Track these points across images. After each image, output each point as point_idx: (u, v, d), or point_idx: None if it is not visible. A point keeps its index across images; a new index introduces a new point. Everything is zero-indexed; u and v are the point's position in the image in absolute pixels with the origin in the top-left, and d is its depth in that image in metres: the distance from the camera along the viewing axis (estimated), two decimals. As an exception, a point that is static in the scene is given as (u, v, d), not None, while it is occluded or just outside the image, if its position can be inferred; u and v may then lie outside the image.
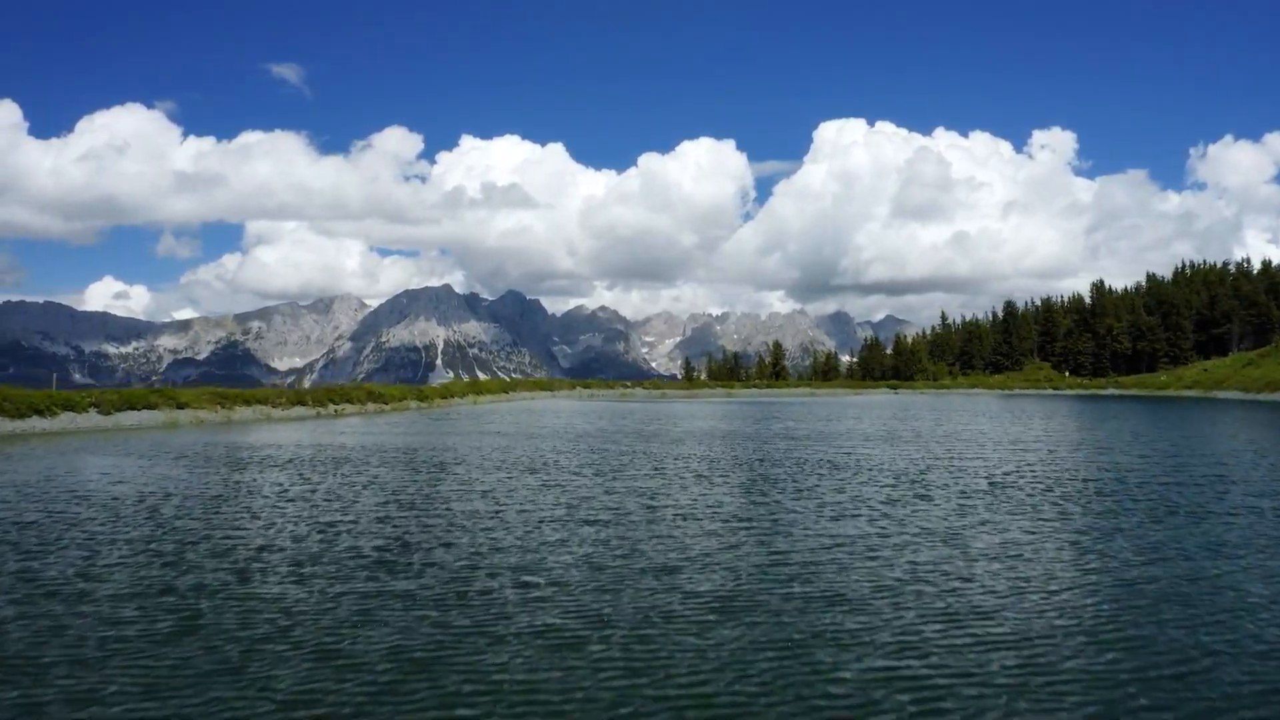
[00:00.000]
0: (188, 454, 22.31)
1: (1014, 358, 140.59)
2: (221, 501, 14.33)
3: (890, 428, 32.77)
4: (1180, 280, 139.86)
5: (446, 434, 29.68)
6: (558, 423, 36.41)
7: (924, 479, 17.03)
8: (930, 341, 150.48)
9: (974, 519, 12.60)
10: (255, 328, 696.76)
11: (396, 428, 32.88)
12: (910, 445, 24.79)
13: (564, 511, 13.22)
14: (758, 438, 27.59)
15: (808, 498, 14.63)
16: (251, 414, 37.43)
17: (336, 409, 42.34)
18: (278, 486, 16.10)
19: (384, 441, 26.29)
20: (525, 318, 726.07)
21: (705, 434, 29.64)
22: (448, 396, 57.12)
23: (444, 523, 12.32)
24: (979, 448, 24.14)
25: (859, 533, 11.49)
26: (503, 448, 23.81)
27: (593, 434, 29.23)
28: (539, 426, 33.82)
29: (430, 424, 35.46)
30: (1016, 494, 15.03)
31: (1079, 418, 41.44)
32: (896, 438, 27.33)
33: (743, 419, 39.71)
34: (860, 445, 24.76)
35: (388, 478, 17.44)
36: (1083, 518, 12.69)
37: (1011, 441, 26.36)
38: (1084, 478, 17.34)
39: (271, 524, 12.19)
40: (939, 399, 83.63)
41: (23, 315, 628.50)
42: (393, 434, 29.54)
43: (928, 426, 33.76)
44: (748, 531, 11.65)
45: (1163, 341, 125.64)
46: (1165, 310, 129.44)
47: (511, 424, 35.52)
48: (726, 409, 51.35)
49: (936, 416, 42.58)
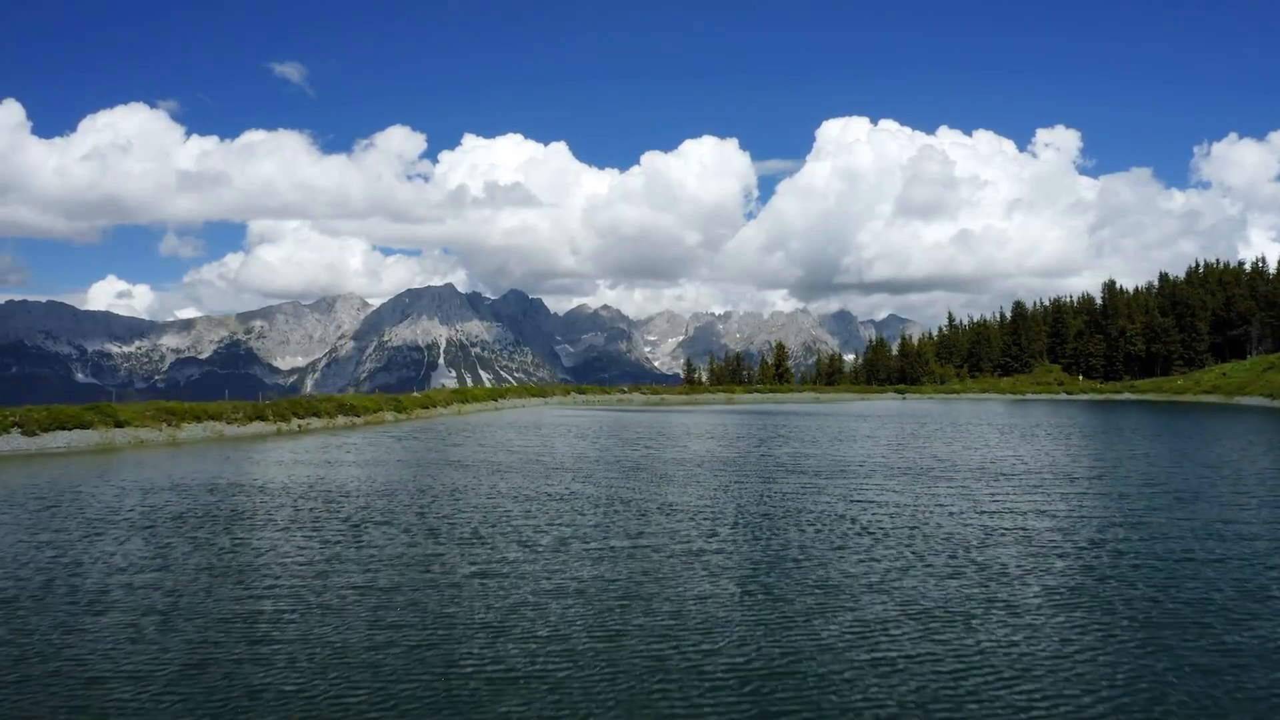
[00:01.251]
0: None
1: (1023, 360, 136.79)
2: None
3: (912, 455, 29.10)
4: (1194, 280, 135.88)
5: (397, 463, 25.96)
6: (535, 445, 32.76)
7: (987, 552, 13.20)
8: (937, 343, 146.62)
9: (1109, 643, 8.85)
10: (258, 327, 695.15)
11: (350, 452, 29.16)
12: (945, 485, 21.07)
13: (478, 631, 9.55)
14: (762, 471, 23.94)
15: (841, 601, 10.63)
16: (201, 432, 33.83)
17: (300, 424, 38.75)
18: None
19: (316, 477, 22.64)
20: (528, 317, 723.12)
21: (700, 464, 25.99)
22: (429, 406, 53.45)
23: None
24: (1033, 487, 20.35)
25: (937, 679, 7.80)
26: (446, 491, 20.08)
27: (569, 465, 25.58)
28: (512, 450, 30.16)
29: (391, 445, 31.79)
30: (1128, 587, 11.28)
31: (1115, 432, 37.63)
32: (925, 473, 23.64)
33: (744, 439, 36.06)
34: (886, 485, 20.98)
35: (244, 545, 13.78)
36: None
37: (1066, 475, 22.59)
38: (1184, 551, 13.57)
39: None
40: (949, 405, 79.92)
41: (26, 315, 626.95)
42: (340, 460, 25.85)
43: (955, 451, 30.03)
44: (763, 681, 7.95)
45: (1177, 343, 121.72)
46: (1179, 311, 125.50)
47: (483, 446, 31.87)
48: (726, 423, 47.72)
49: (955, 432, 38.90)
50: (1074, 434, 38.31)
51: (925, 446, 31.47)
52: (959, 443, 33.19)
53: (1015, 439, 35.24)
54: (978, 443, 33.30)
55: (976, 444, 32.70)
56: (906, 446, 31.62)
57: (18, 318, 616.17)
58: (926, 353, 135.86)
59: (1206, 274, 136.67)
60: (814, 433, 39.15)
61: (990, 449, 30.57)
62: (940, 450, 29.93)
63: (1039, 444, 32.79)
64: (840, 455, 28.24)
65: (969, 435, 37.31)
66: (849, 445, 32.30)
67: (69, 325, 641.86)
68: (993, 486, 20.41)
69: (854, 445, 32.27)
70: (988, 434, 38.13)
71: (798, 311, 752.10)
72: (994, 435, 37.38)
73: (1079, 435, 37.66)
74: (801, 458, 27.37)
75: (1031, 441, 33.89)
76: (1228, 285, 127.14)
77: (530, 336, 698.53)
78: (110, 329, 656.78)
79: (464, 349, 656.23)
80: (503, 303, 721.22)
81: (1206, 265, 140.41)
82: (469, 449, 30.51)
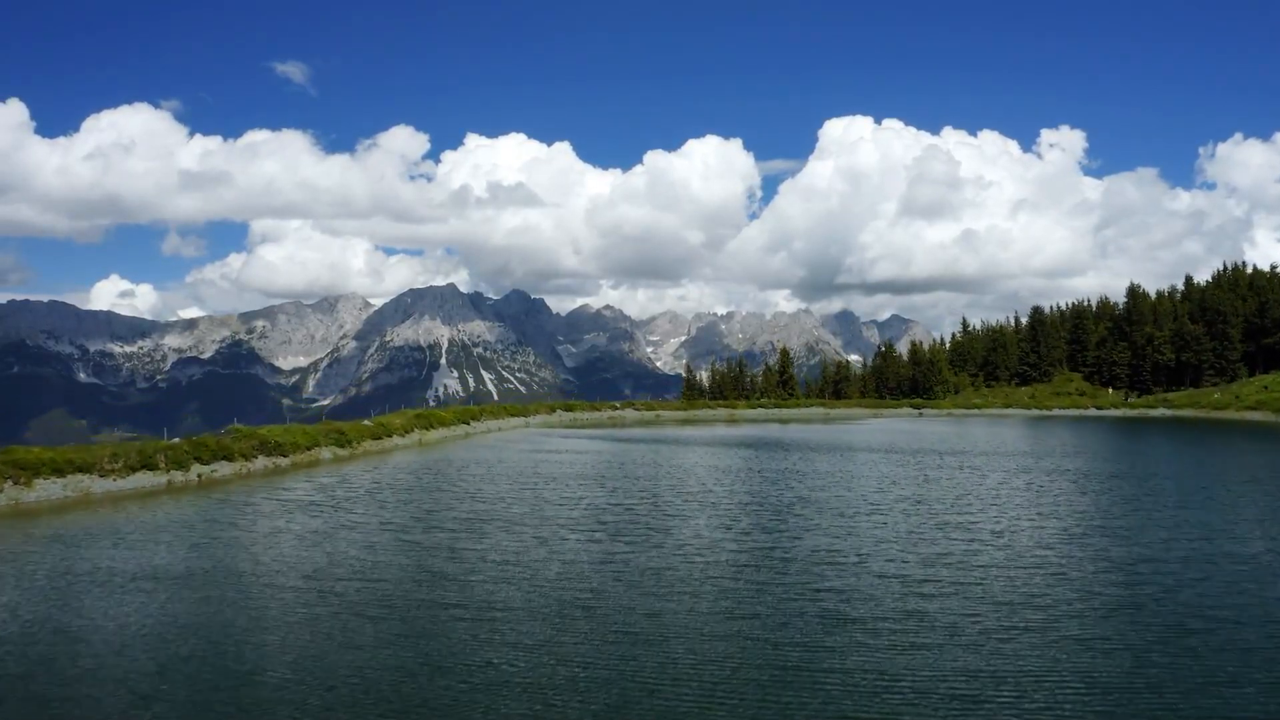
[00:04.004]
0: None
1: (1042, 368, 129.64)
2: None
3: (969, 513, 22.29)
4: (1223, 284, 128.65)
5: (263, 551, 19.30)
6: (485, 499, 25.99)
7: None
8: (951, 350, 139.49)
9: None
10: (260, 327, 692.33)
11: (221, 525, 22.27)
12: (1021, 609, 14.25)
13: None
14: (773, 582, 17.18)
15: None
16: (61, 490, 27.22)
17: (203, 472, 32.13)
18: None
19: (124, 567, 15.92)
20: (530, 317, 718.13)
21: (690, 556, 19.27)
22: (382, 436, 46.77)
23: None
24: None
25: None
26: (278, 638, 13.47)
27: (508, 550, 18.88)
28: (446, 511, 23.44)
29: (297, 511, 25.04)
30: None
31: (1195, 469, 30.57)
32: (1005, 550, 16.87)
33: (748, 494, 29.18)
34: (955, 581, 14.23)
35: None
36: None
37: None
38: None
39: None
40: (969, 426, 73.10)
41: (28, 314, 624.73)
42: (188, 545, 19.07)
43: (1020, 509, 23.13)
44: None
45: (1209, 352, 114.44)
46: (1209, 318, 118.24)
47: (411, 502, 25.15)
48: (727, 460, 40.91)
49: (1001, 476, 31.88)
50: (1142, 488, 31.34)
51: (976, 499, 24.60)
52: (1007, 486, 26.30)
53: (1075, 497, 28.33)
54: (1024, 485, 26.39)
55: (1022, 486, 25.79)
56: (953, 495, 24.74)
57: (19, 317, 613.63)
58: (940, 361, 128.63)
59: (1236, 277, 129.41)
60: (833, 479, 32.26)
61: (1050, 498, 23.70)
62: (986, 525, 23.03)
63: (1113, 516, 25.85)
64: (877, 539, 21.44)
65: (1010, 489, 30.44)
66: (883, 495, 25.41)
67: (71, 325, 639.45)
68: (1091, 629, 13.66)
69: (887, 495, 25.37)
70: (1029, 468, 31.21)
71: (800, 312, 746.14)
72: (1039, 476, 30.46)
73: (1150, 495, 30.71)
74: (831, 541, 20.54)
75: (1100, 510, 26.96)
76: (1261, 290, 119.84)
77: (532, 337, 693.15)
78: (112, 329, 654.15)
79: (466, 349, 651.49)
80: (505, 303, 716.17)
81: (1235, 268, 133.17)
82: (398, 507, 23.71)
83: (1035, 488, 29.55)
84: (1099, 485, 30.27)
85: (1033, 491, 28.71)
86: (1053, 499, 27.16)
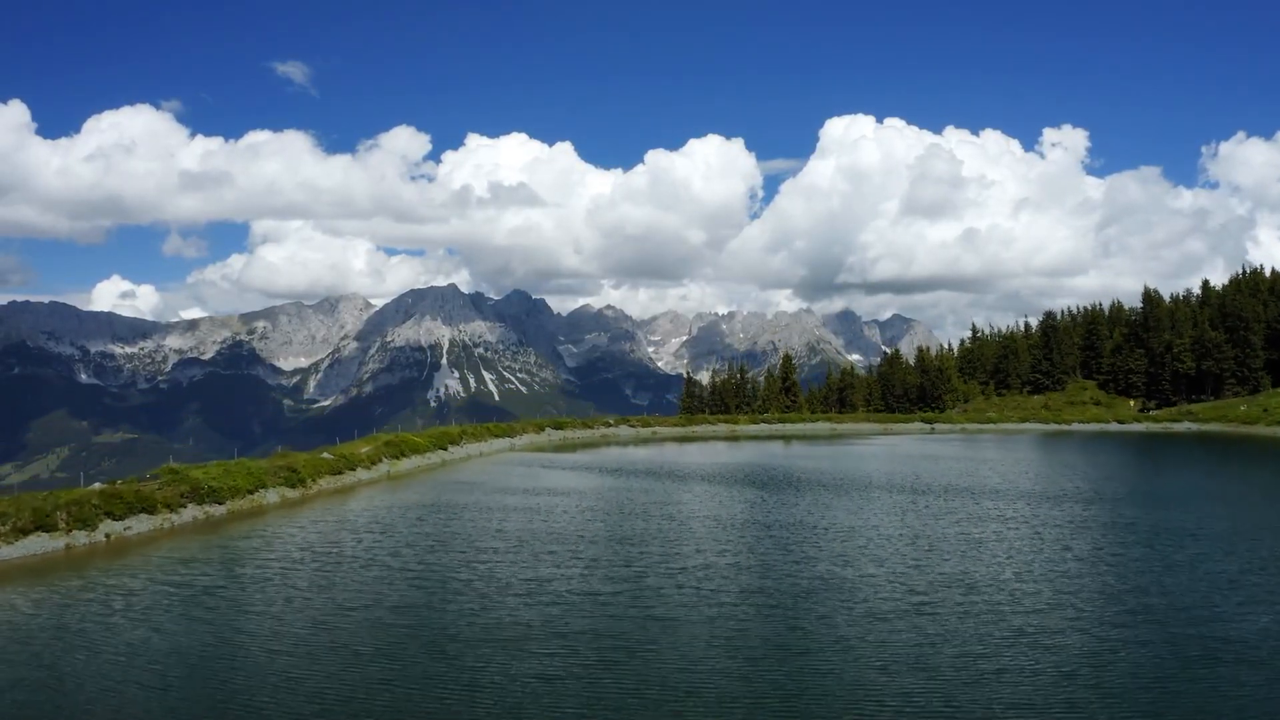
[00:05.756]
0: None
1: (1055, 376, 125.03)
2: None
3: (1037, 604, 17.85)
4: (1242, 288, 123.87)
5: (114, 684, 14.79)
6: (425, 583, 21.45)
7: None
8: (960, 357, 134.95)
9: None
10: (260, 327, 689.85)
11: (70, 635, 17.47)
12: None
13: None
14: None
15: None
16: (-75, 565, 22.89)
17: (114, 531, 27.77)
18: None
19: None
20: (531, 317, 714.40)
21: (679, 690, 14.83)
22: (343, 470, 42.34)
23: None
24: None
25: None
26: None
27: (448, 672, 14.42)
28: (360, 611, 18.88)
29: (176, 609, 20.42)
30: None
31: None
32: None
33: (758, 571, 24.69)
34: None
35: None
36: None
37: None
38: None
39: None
40: (987, 448, 68.63)
41: (29, 315, 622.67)
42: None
43: (1101, 593, 18.66)
44: None
45: (1230, 361, 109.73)
46: (1230, 324, 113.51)
47: (330, 588, 20.53)
48: (731, 509, 36.33)
49: (1058, 534, 27.36)
50: (1240, 557, 26.81)
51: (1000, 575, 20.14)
52: (1081, 596, 21.80)
53: (1163, 574, 23.81)
54: (1103, 596, 21.89)
55: (1106, 604, 21.28)
56: (1005, 602, 20.24)
57: (20, 318, 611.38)
58: (948, 369, 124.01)
59: (1256, 281, 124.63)
60: (860, 559, 27.82)
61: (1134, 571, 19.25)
62: (1067, 626, 18.55)
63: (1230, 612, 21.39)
64: (931, 682, 17.00)
65: (1077, 560, 25.96)
66: (923, 573, 20.94)
67: (71, 326, 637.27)
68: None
69: (932, 571, 20.89)
70: (1096, 553, 26.71)
71: (801, 311, 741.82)
72: (1121, 572, 25.97)
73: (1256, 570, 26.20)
74: (875, 652, 16.11)
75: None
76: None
77: (533, 337, 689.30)
78: (113, 329, 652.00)
79: (467, 350, 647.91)
80: (506, 303, 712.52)
81: (1254, 271, 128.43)
82: (311, 592, 19.19)
83: (1110, 558, 24.90)
84: (1182, 549, 25.80)
85: (1109, 566, 24.07)
86: (1136, 574, 22.69)
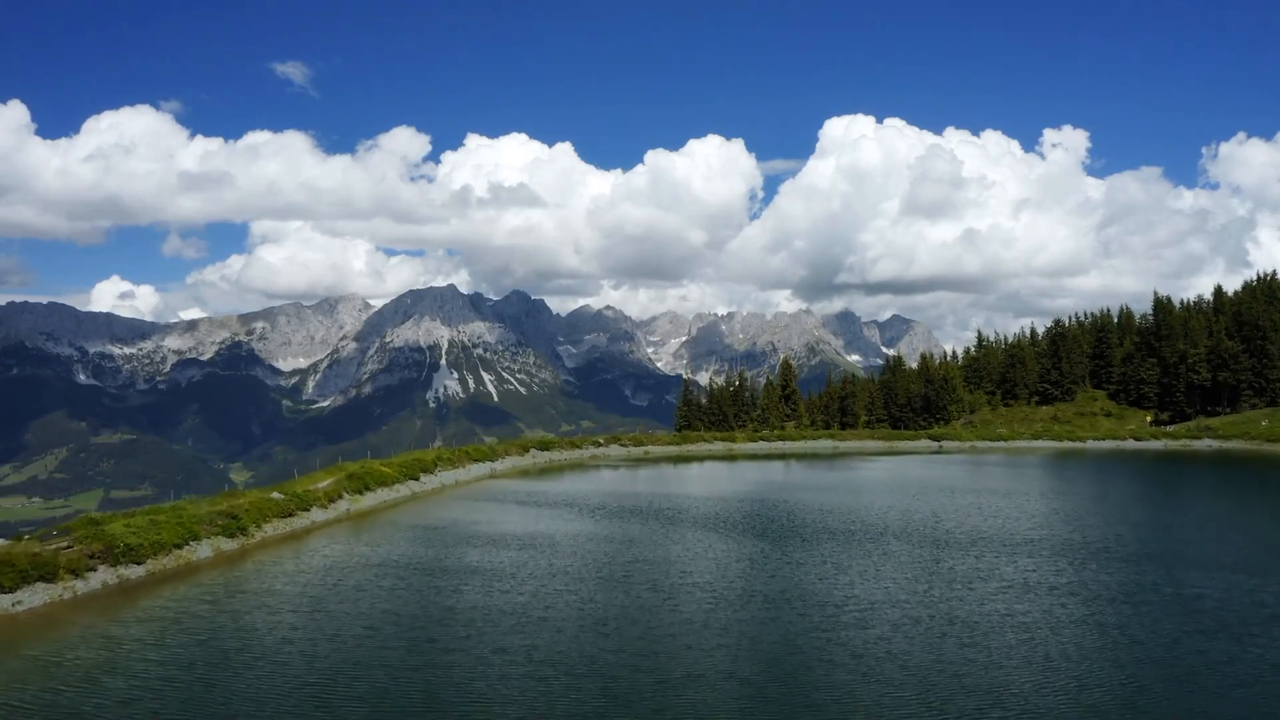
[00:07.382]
0: None
1: (1064, 385, 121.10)
2: None
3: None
4: (1258, 294, 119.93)
5: None
6: (354, 675, 17.43)
7: None
8: (965, 365, 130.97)
9: None
10: (259, 328, 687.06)
11: None
12: None
13: None
14: None
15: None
16: None
17: (2, 605, 23.89)
18: None
19: None
20: (530, 318, 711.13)
21: None
22: (294, 512, 38.37)
23: None
24: None
25: None
26: None
27: None
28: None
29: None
30: None
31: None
32: None
33: (763, 666, 20.83)
34: None
35: None
36: None
37: None
38: None
39: None
40: (998, 474, 64.67)
41: (28, 315, 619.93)
42: None
43: None
44: None
45: (1247, 372, 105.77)
46: (1246, 332, 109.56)
47: (209, 688, 16.42)
48: (730, 570, 32.39)
49: (1118, 616, 23.42)
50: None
51: None
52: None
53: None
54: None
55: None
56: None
57: (19, 319, 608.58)
58: (953, 378, 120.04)
59: (1272, 287, 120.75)
60: (869, 620, 23.87)
61: None
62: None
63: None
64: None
65: (1149, 657, 21.99)
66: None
67: (70, 326, 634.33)
68: None
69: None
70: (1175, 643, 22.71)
71: (801, 312, 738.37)
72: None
73: None
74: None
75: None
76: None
77: (533, 337, 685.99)
78: (112, 330, 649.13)
79: (466, 350, 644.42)
80: (505, 303, 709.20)
81: (1270, 277, 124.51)
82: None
83: (1191, 655, 21.06)
84: (1271, 637, 21.88)
85: (1189, 668, 20.25)
86: (1231, 685, 18.78)
